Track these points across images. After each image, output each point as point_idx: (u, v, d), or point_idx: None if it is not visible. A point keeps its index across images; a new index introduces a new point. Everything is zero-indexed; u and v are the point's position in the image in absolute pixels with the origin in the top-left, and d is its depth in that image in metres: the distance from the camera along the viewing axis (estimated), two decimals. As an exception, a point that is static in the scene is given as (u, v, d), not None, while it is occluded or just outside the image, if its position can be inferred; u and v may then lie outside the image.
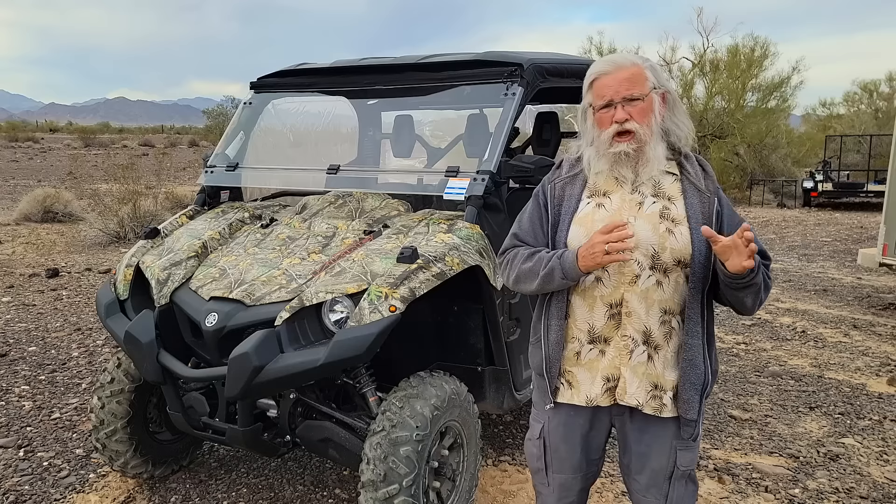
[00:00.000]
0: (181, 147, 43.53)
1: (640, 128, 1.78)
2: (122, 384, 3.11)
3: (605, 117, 1.81)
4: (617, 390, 1.85)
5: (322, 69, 3.70)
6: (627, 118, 1.77)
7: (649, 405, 1.84)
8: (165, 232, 3.31)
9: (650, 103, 1.79)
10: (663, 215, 1.81)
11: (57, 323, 6.11)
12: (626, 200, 1.84)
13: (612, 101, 1.79)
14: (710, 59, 22.66)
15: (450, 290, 2.75)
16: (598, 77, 1.83)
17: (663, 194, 1.83)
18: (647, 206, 1.82)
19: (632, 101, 1.78)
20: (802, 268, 9.48)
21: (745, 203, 19.58)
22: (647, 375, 1.83)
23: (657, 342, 1.82)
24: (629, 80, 1.79)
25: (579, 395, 1.90)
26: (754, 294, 1.75)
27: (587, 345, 1.88)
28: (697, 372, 1.81)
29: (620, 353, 1.84)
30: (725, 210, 1.84)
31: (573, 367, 1.91)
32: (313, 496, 3.23)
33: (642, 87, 1.79)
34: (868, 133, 23.22)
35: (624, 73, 1.79)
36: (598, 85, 1.82)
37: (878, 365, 5.27)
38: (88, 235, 10.69)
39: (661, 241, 1.79)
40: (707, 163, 1.92)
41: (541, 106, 4.64)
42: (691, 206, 1.81)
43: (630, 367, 1.83)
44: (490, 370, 3.07)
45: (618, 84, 1.78)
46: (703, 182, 1.85)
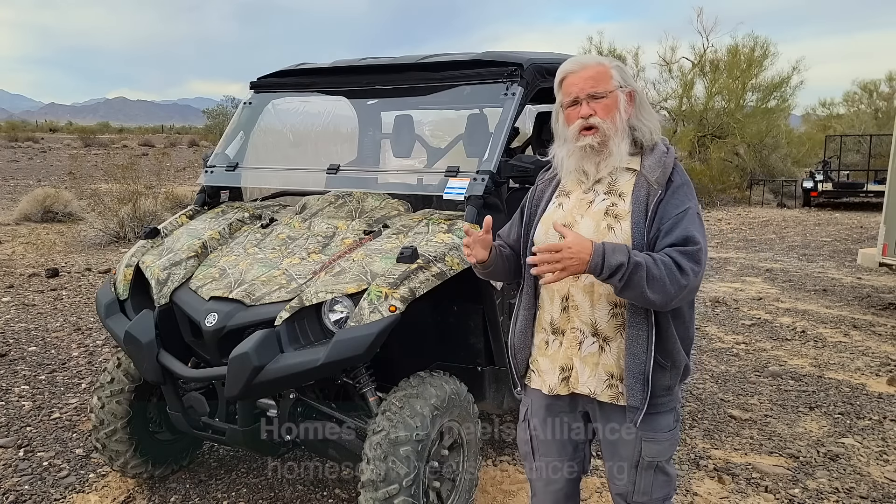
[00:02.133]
0: (181, 147, 43.52)
1: (604, 123, 1.86)
2: (122, 384, 3.11)
3: (572, 114, 1.90)
4: (570, 379, 1.94)
5: (322, 69, 3.70)
6: (592, 113, 1.86)
7: (605, 394, 1.90)
8: (165, 232, 3.31)
9: (614, 100, 1.88)
10: (608, 212, 1.86)
11: (57, 323, 6.11)
12: (580, 199, 1.93)
13: (577, 97, 1.89)
14: (710, 59, 22.68)
15: (450, 290, 2.75)
16: (565, 76, 1.92)
17: (615, 191, 1.89)
18: (596, 203, 1.90)
19: (596, 98, 1.87)
20: (802, 268, 9.48)
21: (745, 203, 19.59)
22: (600, 365, 1.89)
23: (606, 334, 1.88)
24: (593, 78, 1.88)
25: (544, 384, 2.00)
26: (637, 294, 1.72)
27: (551, 335, 1.98)
28: (637, 361, 1.83)
29: (571, 344, 1.93)
30: (670, 199, 1.81)
31: (540, 356, 2.01)
32: (313, 496, 3.23)
33: (606, 84, 1.88)
34: (868, 133, 23.23)
35: (589, 72, 1.89)
36: (566, 83, 1.92)
37: (878, 365, 5.27)
38: (88, 235, 10.68)
39: (599, 237, 1.81)
40: (672, 150, 1.91)
41: (541, 106, 4.63)
42: (636, 200, 1.84)
43: (580, 357, 1.92)
44: (490, 370, 3.08)
45: (583, 82, 1.88)
46: (656, 174, 1.85)
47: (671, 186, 1.84)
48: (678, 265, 1.73)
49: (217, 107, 37.63)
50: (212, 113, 37.32)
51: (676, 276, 1.72)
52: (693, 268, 1.75)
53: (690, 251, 1.75)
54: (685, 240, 1.76)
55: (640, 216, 1.81)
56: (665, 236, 1.78)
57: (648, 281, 1.69)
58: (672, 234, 1.78)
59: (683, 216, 1.79)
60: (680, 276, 1.73)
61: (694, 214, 1.82)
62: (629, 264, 1.69)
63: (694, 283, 1.76)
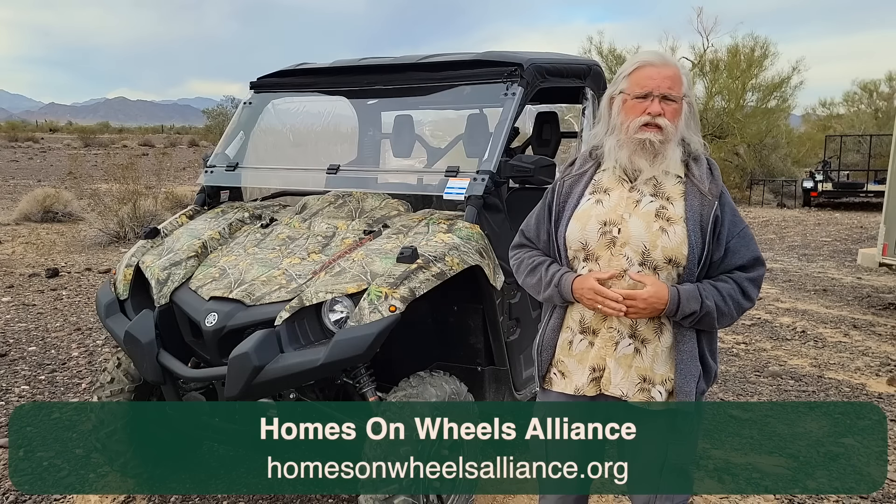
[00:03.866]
0: (181, 147, 43.47)
1: (669, 125, 1.82)
2: (122, 384, 3.11)
3: (637, 107, 1.84)
4: (602, 380, 1.89)
5: (322, 69, 3.70)
6: (661, 113, 1.82)
7: (637, 396, 1.87)
8: (165, 232, 3.31)
9: (680, 107, 1.85)
10: (659, 214, 1.83)
11: (57, 323, 6.11)
12: (624, 198, 1.88)
13: (651, 93, 1.82)
14: (710, 58, 22.66)
15: (450, 290, 2.75)
16: (642, 66, 1.86)
17: (662, 194, 1.86)
18: (643, 204, 1.86)
19: (668, 100, 1.82)
20: (802, 268, 9.48)
21: (745, 203, 19.58)
22: (634, 368, 1.86)
23: (645, 336, 1.86)
24: (671, 79, 1.84)
25: (570, 385, 1.95)
26: (707, 324, 1.83)
27: (578, 335, 1.93)
28: (689, 366, 1.84)
29: (606, 344, 1.88)
30: (728, 216, 1.86)
31: (566, 357, 1.96)
32: (313, 496, 3.23)
33: (679, 89, 1.85)
34: (868, 133, 23.22)
35: (669, 71, 1.84)
36: (641, 74, 1.85)
37: (878, 365, 5.27)
38: (88, 235, 10.68)
39: (652, 238, 1.81)
40: (717, 166, 1.94)
41: (541, 106, 4.63)
42: (691, 207, 1.83)
43: (615, 358, 1.87)
44: (490, 370, 3.07)
45: (661, 79, 1.83)
46: (707, 185, 1.86)
47: (724, 201, 1.87)
48: (744, 293, 1.83)
49: (217, 107, 37.61)
50: (212, 113, 37.30)
51: (742, 304, 1.83)
52: (756, 293, 1.86)
53: (756, 277, 1.85)
54: (754, 261, 1.86)
55: (696, 224, 1.82)
56: (732, 256, 1.85)
57: (718, 319, 1.81)
58: (740, 254, 1.85)
59: (744, 235, 1.86)
60: (744, 303, 1.84)
61: (751, 233, 1.89)
62: (701, 310, 1.78)
63: (754, 304, 1.87)
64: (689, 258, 1.81)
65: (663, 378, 1.86)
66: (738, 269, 1.86)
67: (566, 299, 1.90)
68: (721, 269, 1.86)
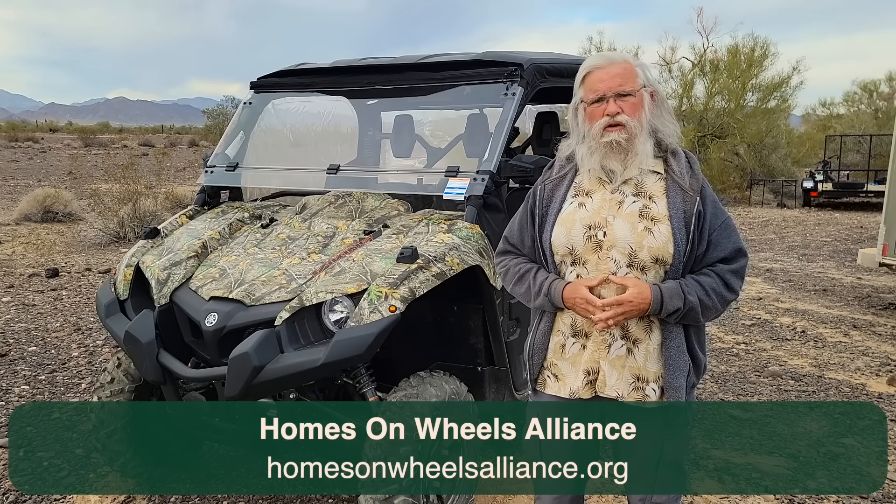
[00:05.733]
0: (181, 147, 43.46)
1: (631, 120, 1.83)
2: (122, 384, 3.11)
3: (596, 111, 1.85)
4: (597, 383, 1.89)
5: (322, 69, 3.70)
6: (619, 111, 1.82)
7: (632, 396, 1.88)
8: (165, 232, 3.31)
9: (640, 99, 1.85)
10: (643, 214, 1.84)
11: (57, 323, 6.11)
12: (607, 199, 1.88)
13: (604, 95, 1.84)
14: (710, 59, 22.66)
15: (450, 290, 2.75)
16: (590, 71, 1.87)
17: (645, 193, 1.87)
18: (626, 205, 1.86)
19: (623, 96, 1.83)
20: (802, 268, 9.48)
21: (745, 203, 19.58)
22: (627, 368, 1.87)
23: (636, 336, 1.86)
24: (621, 76, 1.84)
25: (564, 388, 1.95)
26: (692, 319, 1.84)
27: (570, 338, 1.93)
28: (678, 361, 1.85)
29: (599, 347, 1.88)
30: (709, 209, 1.86)
31: (559, 360, 1.96)
32: (313, 496, 3.23)
33: (633, 82, 1.84)
34: (868, 133, 23.21)
35: (616, 69, 1.85)
36: (591, 79, 1.87)
37: (878, 365, 5.27)
38: (88, 235, 10.68)
39: (638, 239, 1.82)
40: (695, 159, 1.94)
41: (541, 106, 4.63)
42: (674, 204, 1.84)
43: (608, 360, 1.88)
44: (490, 370, 3.07)
45: (610, 78, 1.84)
46: (687, 180, 1.86)
47: (705, 194, 1.87)
48: (727, 285, 1.84)
49: (217, 107, 37.62)
50: (212, 113, 37.30)
51: (725, 297, 1.84)
52: (740, 284, 1.86)
53: (739, 269, 1.87)
54: (736, 252, 1.86)
55: (680, 221, 1.82)
56: (714, 248, 1.85)
57: (703, 313, 1.82)
58: (722, 246, 1.85)
59: (726, 227, 1.87)
60: (728, 295, 1.85)
61: (733, 223, 1.89)
62: (685, 307, 1.79)
63: (738, 296, 1.88)
64: (675, 256, 1.82)
65: (656, 375, 1.87)
66: (721, 261, 1.86)
67: (558, 307, 1.91)
68: (704, 263, 1.86)
